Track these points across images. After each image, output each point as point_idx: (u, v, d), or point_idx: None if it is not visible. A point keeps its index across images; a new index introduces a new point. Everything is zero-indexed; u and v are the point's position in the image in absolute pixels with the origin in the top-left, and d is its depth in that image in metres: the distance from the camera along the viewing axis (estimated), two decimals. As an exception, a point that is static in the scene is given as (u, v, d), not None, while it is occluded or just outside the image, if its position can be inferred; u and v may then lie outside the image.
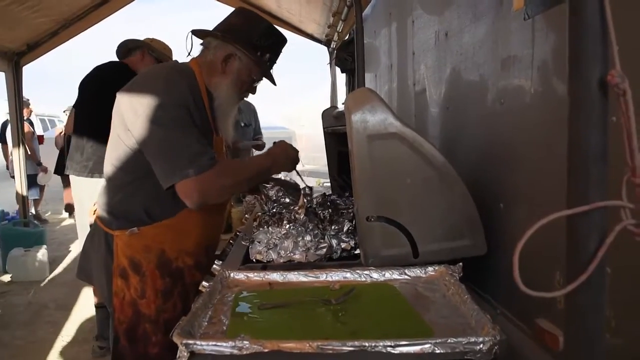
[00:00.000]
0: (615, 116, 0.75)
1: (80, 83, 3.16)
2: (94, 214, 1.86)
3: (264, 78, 1.77)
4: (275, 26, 1.77)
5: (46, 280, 4.95)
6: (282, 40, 1.76)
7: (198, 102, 1.59)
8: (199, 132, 1.54)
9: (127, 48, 3.13)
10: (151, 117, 1.50)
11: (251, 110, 5.08)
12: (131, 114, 1.54)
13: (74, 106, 3.29)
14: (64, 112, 7.82)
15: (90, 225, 2.05)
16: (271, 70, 1.76)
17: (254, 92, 1.79)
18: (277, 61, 1.77)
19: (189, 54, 1.74)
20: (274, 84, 1.79)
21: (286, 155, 1.74)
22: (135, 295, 1.63)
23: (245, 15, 1.71)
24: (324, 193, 2.05)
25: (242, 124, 4.88)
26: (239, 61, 1.66)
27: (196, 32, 1.72)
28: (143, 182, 1.60)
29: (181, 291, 1.67)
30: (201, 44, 1.74)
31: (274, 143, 1.79)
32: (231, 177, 1.58)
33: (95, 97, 2.92)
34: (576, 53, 0.64)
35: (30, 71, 5.47)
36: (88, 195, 2.70)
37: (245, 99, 1.86)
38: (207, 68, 1.68)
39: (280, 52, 1.77)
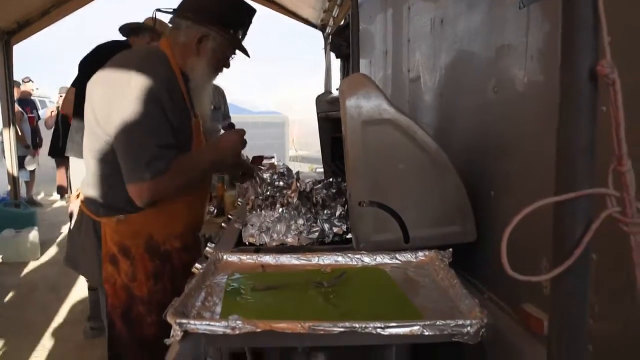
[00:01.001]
0: (605, 106, 0.77)
1: (81, 62, 3.13)
2: (77, 198, 1.84)
3: (237, 52, 1.76)
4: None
5: (37, 262, 4.94)
6: (252, 12, 1.74)
7: (174, 87, 1.58)
8: (169, 126, 1.54)
9: (131, 27, 3.09)
10: (120, 111, 1.50)
11: (220, 93, 4.96)
12: (103, 106, 1.55)
13: (72, 85, 3.25)
14: (60, 95, 7.70)
15: (70, 215, 2.02)
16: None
17: (228, 66, 1.77)
18: (248, 32, 1.76)
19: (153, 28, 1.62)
20: (248, 56, 1.78)
21: (233, 147, 1.72)
22: (126, 279, 1.65)
23: None
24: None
25: (212, 107, 4.81)
26: (212, 41, 1.65)
27: (165, 12, 1.70)
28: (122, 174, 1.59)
29: (170, 273, 1.70)
30: (170, 22, 1.72)
31: (226, 127, 1.78)
32: (183, 178, 1.60)
33: None
34: (568, 42, 0.65)
35: (19, 51, 5.39)
36: None
37: (214, 82, 1.85)
38: (180, 50, 1.65)
39: (251, 23, 1.75)
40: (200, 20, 1.63)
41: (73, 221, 1.88)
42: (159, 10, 1.72)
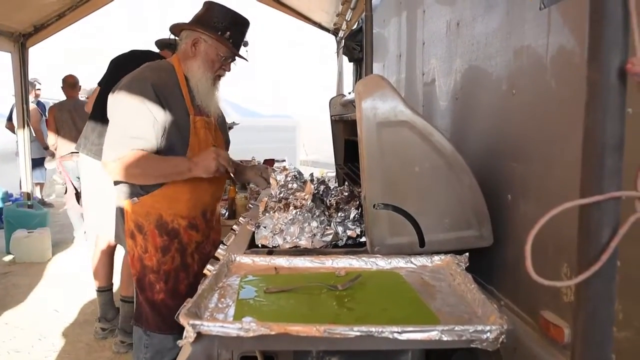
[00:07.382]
0: (631, 108, 0.74)
1: (112, 61, 3.10)
2: None
3: (236, 57, 2.01)
4: (245, 12, 2.03)
5: (49, 262, 4.97)
6: (241, 20, 1.99)
7: (172, 91, 1.89)
8: (148, 122, 1.80)
9: (166, 42, 3.13)
10: (111, 107, 1.89)
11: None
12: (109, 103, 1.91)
13: (98, 84, 3.19)
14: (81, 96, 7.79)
15: None
16: (245, 50, 2.03)
17: (228, 69, 2.02)
18: (245, 39, 2.01)
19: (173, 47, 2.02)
20: (245, 60, 2.04)
21: (206, 161, 1.85)
22: (140, 251, 1.95)
23: (208, 6, 1.98)
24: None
25: None
26: (204, 43, 1.93)
27: (172, 28, 2.03)
28: None
29: (178, 247, 1.95)
30: (176, 36, 2.05)
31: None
32: (138, 169, 1.83)
33: None
34: (596, 40, 0.63)
35: (33, 54, 5.44)
36: (101, 179, 2.67)
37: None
38: (182, 57, 1.97)
39: (243, 31, 2.00)
40: (191, 27, 1.94)
41: None
42: (171, 29, 2.02)
